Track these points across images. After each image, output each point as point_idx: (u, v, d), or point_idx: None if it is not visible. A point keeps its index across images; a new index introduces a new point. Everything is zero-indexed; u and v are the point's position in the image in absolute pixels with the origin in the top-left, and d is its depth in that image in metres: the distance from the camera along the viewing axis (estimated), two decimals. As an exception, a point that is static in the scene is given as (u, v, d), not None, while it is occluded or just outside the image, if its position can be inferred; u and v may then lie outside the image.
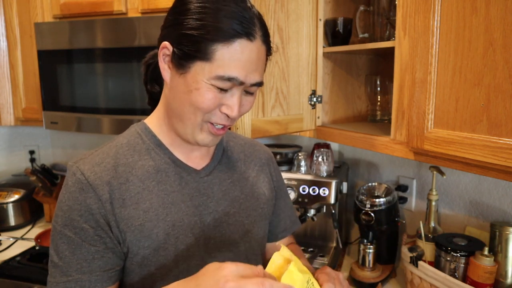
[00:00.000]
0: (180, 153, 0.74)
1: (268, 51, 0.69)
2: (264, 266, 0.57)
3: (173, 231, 0.69)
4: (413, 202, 1.37)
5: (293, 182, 1.35)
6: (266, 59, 0.70)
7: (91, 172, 0.66)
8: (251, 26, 0.62)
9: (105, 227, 0.65)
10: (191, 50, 0.62)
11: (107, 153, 0.70)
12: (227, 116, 0.66)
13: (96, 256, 0.65)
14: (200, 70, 0.62)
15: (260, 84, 0.67)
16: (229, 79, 0.62)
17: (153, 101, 0.79)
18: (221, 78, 0.62)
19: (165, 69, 0.68)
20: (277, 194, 0.91)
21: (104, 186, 0.66)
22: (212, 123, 0.67)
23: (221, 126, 0.68)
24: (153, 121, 0.75)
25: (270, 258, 0.59)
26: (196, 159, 0.76)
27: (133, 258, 0.67)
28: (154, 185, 0.70)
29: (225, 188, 0.77)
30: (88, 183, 0.65)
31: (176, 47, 0.64)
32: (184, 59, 0.63)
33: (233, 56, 0.61)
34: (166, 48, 0.66)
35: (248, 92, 0.68)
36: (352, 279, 1.27)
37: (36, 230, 1.73)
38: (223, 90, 0.64)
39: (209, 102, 0.64)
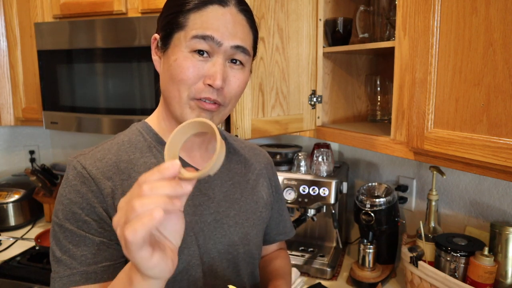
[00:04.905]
0: (181, 152, 0.73)
1: (249, 21, 0.68)
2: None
3: None
4: (413, 202, 1.37)
5: (293, 182, 1.35)
6: (254, 32, 0.69)
7: (92, 167, 0.66)
8: None
9: (107, 219, 0.64)
10: (169, 27, 0.65)
11: (109, 149, 0.70)
12: (211, 87, 0.63)
13: (102, 247, 0.63)
14: (177, 42, 0.64)
15: (243, 50, 0.65)
16: (204, 37, 0.62)
17: None
18: (196, 37, 0.62)
19: (156, 60, 0.70)
20: (275, 198, 0.91)
21: (106, 181, 0.65)
22: (199, 100, 0.64)
23: (210, 102, 0.65)
24: (154, 120, 0.75)
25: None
26: (195, 158, 0.75)
27: None
28: None
29: (226, 190, 0.76)
30: (90, 177, 0.65)
31: (160, 33, 0.67)
32: (165, 38, 0.66)
33: (206, 19, 0.63)
34: (155, 39, 0.69)
35: (234, 63, 0.66)
36: (352, 279, 1.27)
37: (36, 230, 1.73)
38: (201, 55, 0.63)
39: (188, 72, 0.62)
